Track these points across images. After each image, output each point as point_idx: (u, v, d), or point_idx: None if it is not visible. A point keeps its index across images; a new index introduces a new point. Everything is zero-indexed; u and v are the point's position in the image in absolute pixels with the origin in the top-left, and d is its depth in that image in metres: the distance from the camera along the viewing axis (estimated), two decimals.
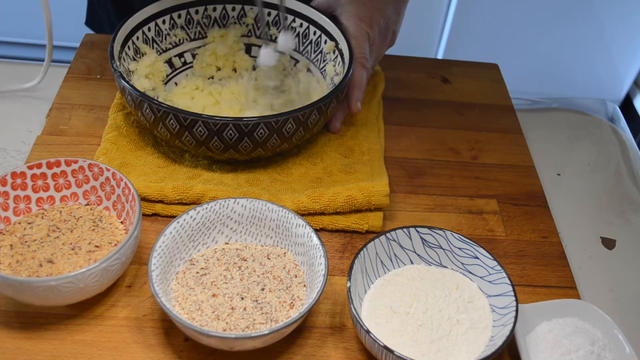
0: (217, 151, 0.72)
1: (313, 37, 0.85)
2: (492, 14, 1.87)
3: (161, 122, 0.71)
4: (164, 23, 0.84)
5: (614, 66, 1.99)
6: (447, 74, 0.98)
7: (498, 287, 0.64)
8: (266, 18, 0.87)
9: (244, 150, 0.72)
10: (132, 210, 0.65)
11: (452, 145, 0.86)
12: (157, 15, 0.83)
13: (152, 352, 0.61)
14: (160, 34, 0.84)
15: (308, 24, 0.85)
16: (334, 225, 0.73)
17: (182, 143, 0.72)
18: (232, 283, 0.64)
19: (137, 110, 0.72)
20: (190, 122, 0.69)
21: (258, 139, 0.70)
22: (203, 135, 0.70)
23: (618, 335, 0.62)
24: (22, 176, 0.67)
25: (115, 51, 0.76)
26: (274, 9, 0.87)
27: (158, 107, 0.69)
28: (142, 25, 0.82)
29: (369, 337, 0.57)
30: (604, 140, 0.94)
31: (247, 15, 0.88)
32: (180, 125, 0.69)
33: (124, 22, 0.79)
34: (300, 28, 0.86)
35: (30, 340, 0.61)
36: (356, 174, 0.77)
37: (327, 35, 0.83)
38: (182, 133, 0.70)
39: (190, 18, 0.86)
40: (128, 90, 0.71)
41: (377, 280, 0.66)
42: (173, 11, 0.85)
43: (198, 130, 0.69)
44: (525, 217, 0.78)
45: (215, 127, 0.69)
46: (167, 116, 0.69)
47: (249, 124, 0.69)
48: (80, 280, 0.58)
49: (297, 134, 0.73)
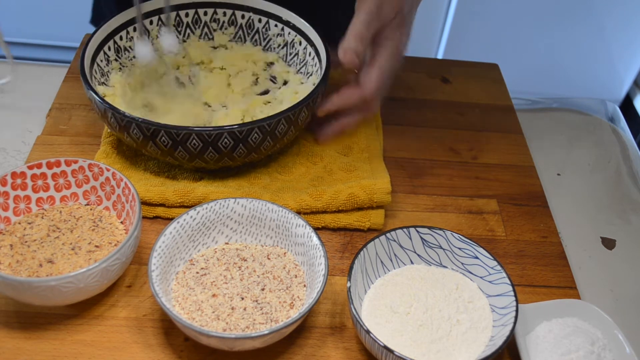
0: (212, 161, 0.71)
1: (288, 39, 0.85)
2: (492, 14, 1.87)
3: (151, 141, 0.69)
4: (121, 39, 0.82)
5: (614, 66, 1.99)
6: (447, 74, 0.98)
7: (498, 287, 0.64)
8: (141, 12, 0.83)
9: (239, 156, 0.71)
10: (132, 210, 0.65)
11: (452, 145, 0.86)
12: (116, 32, 0.81)
13: (152, 352, 0.61)
14: (119, 51, 0.82)
15: (283, 26, 0.85)
16: (336, 224, 0.73)
17: (175, 159, 0.71)
18: (232, 283, 0.64)
19: (121, 133, 0.70)
20: (183, 136, 0.67)
21: (252, 144, 0.70)
22: (197, 148, 0.68)
23: (618, 335, 0.62)
24: (22, 176, 0.67)
25: (87, 69, 0.74)
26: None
27: (148, 127, 0.67)
28: (104, 44, 0.80)
29: (369, 337, 0.57)
30: (604, 140, 0.94)
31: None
32: (173, 141, 0.68)
33: (87, 42, 0.77)
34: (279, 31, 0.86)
35: (30, 340, 0.61)
36: (356, 172, 0.77)
37: (305, 38, 0.83)
38: (176, 147, 0.69)
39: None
40: (111, 113, 0.68)
41: (377, 280, 0.66)
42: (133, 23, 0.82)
43: (192, 144, 0.68)
44: (525, 217, 0.78)
45: (210, 138, 0.68)
46: (158, 134, 0.67)
47: (242, 130, 0.68)
48: (80, 280, 0.58)
49: (289, 133, 0.72)
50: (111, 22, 0.80)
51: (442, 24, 1.92)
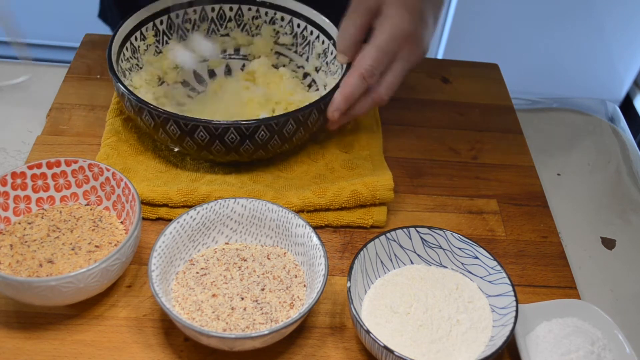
0: (219, 154, 0.72)
1: (311, 38, 0.85)
2: (492, 14, 1.87)
3: (161, 128, 0.70)
4: (161, 24, 0.84)
5: (614, 66, 1.99)
6: (447, 74, 0.98)
7: (498, 287, 0.64)
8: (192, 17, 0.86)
9: (245, 152, 0.72)
10: (132, 210, 0.65)
11: (452, 145, 0.86)
12: (155, 16, 0.83)
13: (152, 352, 0.61)
14: (158, 34, 0.84)
15: (306, 25, 0.85)
16: (339, 222, 0.73)
17: (184, 148, 0.72)
18: (232, 283, 0.64)
19: (136, 116, 0.72)
20: (191, 127, 0.69)
21: (259, 141, 0.70)
22: (205, 140, 0.70)
23: (618, 335, 0.62)
24: (22, 176, 0.67)
25: (114, 54, 0.76)
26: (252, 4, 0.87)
27: (158, 114, 0.69)
28: (141, 26, 0.82)
29: (369, 337, 0.57)
30: (604, 140, 0.94)
31: (244, 15, 0.88)
32: (182, 131, 0.69)
33: (121, 24, 0.79)
34: (299, 29, 0.86)
35: (30, 340, 0.61)
36: (358, 169, 0.77)
37: (326, 35, 0.83)
38: (184, 138, 0.70)
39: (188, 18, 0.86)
40: (127, 97, 0.71)
41: (377, 280, 0.66)
42: (171, 11, 0.84)
43: (199, 135, 0.69)
44: (525, 217, 0.78)
45: (217, 132, 0.69)
46: (168, 122, 0.69)
47: (249, 126, 0.69)
48: (80, 280, 0.58)
49: (298, 134, 0.73)
50: (128, 22, 0.81)
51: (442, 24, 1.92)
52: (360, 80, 0.71)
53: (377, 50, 0.70)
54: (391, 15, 0.70)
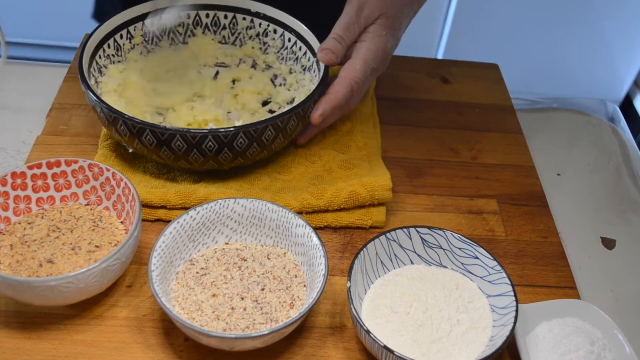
0: (197, 163, 0.71)
1: (292, 47, 0.85)
2: (492, 14, 1.87)
3: (137, 139, 0.69)
4: (121, 38, 0.83)
5: (614, 66, 1.99)
6: (447, 74, 0.98)
7: (498, 287, 0.64)
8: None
9: (224, 160, 0.71)
10: (132, 210, 0.65)
11: (452, 145, 0.86)
12: (120, 28, 0.82)
13: (152, 352, 0.61)
14: (119, 49, 0.83)
15: (283, 31, 0.85)
16: (338, 223, 0.73)
17: (161, 158, 0.71)
18: (232, 283, 0.64)
19: (111, 126, 0.71)
20: (167, 136, 0.68)
21: (237, 149, 0.70)
22: (182, 149, 0.69)
23: (618, 335, 0.62)
24: (22, 176, 0.67)
25: (85, 65, 0.75)
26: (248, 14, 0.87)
27: (134, 124, 0.68)
28: (108, 38, 0.81)
29: (369, 337, 0.57)
30: (604, 140, 0.94)
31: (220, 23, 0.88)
32: (158, 140, 0.68)
33: (90, 35, 0.78)
34: (278, 36, 0.86)
35: (30, 340, 0.61)
36: (355, 169, 0.77)
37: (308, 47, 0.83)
38: (159, 148, 0.69)
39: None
40: (100, 107, 0.70)
41: (377, 280, 0.66)
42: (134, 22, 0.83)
43: (176, 145, 0.68)
44: (525, 217, 0.78)
45: (194, 140, 0.68)
46: (144, 132, 0.68)
47: (227, 134, 0.68)
48: (80, 280, 0.58)
49: (277, 140, 0.72)
50: (111, 20, 0.80)
51: (442, 24, 1.92)
52: (348, 90, 0.74)
53: (364, 63, 0.74)
54: (378, 34, 0.75)
